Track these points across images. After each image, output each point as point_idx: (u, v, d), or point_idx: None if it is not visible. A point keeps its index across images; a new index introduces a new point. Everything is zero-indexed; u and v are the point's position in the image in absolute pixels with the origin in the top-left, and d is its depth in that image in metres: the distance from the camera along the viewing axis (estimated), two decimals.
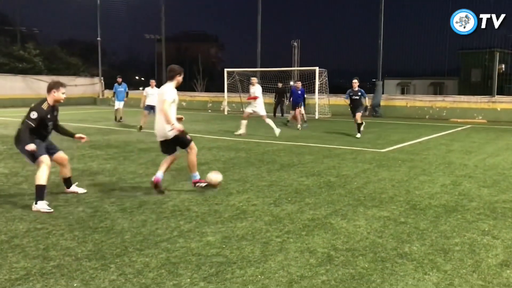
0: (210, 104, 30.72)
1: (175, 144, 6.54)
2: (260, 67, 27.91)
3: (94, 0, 35.97)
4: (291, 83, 25.91)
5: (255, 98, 14.27)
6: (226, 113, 26.63)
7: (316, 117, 22.97)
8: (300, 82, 18.68)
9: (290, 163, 9.27)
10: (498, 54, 23.88)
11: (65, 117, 22.29)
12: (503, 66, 26.95)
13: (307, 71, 24.94)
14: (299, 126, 16.78)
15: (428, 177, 7.97)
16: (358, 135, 14.02)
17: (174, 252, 4.28)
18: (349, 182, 7.49)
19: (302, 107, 17.37)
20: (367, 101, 15.19)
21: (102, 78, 36.86)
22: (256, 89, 14.47)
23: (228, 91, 26.75)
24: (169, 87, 6.42)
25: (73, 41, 43.61)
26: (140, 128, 15.25)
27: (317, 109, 23.29)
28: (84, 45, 42.64)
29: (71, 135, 6.33)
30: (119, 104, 19.33)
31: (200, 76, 50.01)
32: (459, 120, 21.68)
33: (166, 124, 6.30)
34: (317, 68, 22.96)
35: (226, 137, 13.63)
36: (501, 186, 7.31)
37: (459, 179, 7.81)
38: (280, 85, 23.07)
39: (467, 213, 5.72)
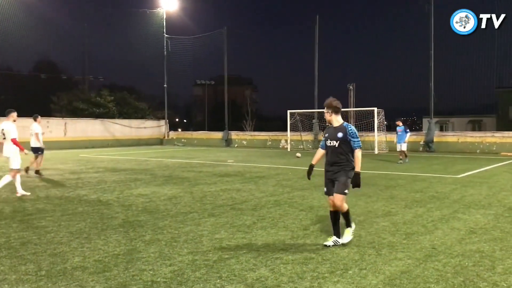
0: (270, 142, 33.60)
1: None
2: (317, 108, 30.82)
3: (161, 52, 40.01)
4: None
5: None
6: (289, 149, 29.42)
7: (376, 152, 25.44)
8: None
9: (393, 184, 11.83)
10: None
11: (150, 156, 25.38)
12: None
13: (363, 111, 27.72)
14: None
15: (508, 192, 10.39)
16: None
17: None
18: (447, 196, 9.94)
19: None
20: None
21: (167, 120, 40.58)
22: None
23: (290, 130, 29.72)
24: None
25: (137, 87, 48.01)
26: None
27: (376, 145, 25.80)
28: (148, 91, 46.97)
29: None
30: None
31: (249, 116, 53.60)
32: (509, 154, 23.77)
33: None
34: (375, 109, 25.67)
35: None
36: None
37: None
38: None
39: None
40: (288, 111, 29.68)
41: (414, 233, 6.56)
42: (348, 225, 6.03)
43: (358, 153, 5.79)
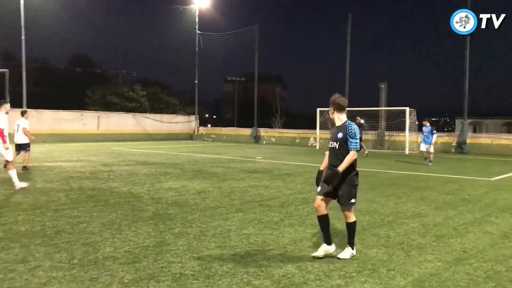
0: (298, 140, 33.48)
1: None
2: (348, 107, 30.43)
3: (193, 48, 40.35)
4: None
5: None
6: (317, 148, 29.25)
7: (406, 153, 25.00)
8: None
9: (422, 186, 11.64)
10: None
11: (180, 150, 25.75)
12: None
13: (395, 111, 27.29)
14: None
15: None
16: None
17: None
18: (479, 199, 9.71)
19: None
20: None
21: (197, 116, 40.97)
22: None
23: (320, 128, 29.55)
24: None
25: (168, 83, 48.69)
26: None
27: (407, 146, 25.37)
28: (179, 87, 47.58)
29: None
30: None
31: (278, 114, 53.56)
32: None
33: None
34: (407, 108, 25.23)
35: None
36: None
37: None
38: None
39: None
40: (318, 109, 29.50)
41: (445, 235, 6.45)
42: (350, 243, 5.41)
43: (351, 155, 5.19)
